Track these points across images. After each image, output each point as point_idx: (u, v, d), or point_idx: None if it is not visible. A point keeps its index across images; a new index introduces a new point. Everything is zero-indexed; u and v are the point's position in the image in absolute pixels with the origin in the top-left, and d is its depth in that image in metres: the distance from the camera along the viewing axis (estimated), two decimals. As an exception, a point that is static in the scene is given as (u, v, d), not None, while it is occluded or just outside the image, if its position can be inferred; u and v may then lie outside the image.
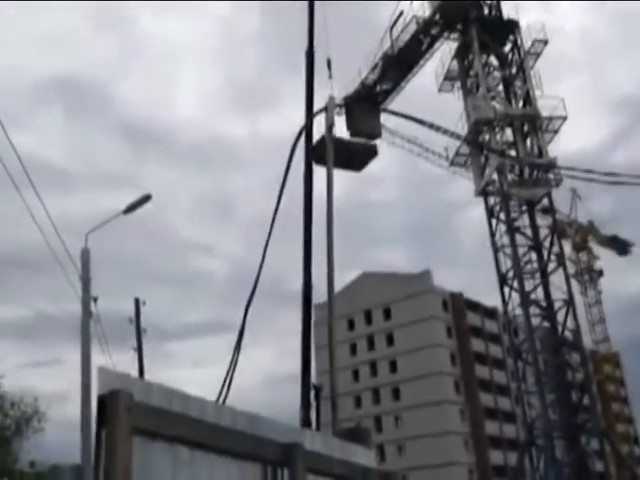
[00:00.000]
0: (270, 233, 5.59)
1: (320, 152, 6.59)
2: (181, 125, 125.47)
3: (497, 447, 68.21)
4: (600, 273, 78.52)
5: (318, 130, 10.86)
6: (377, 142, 26.76)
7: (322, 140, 6.34)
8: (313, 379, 6.29)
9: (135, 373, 21.76)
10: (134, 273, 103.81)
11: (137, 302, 24.53)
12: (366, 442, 5.00)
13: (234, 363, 4.83)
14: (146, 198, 16.21)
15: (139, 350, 24.07)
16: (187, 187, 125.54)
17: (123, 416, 2.45)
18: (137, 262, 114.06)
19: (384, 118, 28.70)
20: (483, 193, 32.39)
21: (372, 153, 16.14)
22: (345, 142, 14.51)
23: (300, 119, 11.14)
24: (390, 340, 72.42)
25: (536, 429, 28.92)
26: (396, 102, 29.73)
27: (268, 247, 5.49)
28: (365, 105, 27.66)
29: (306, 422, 5.51)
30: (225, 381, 4.68)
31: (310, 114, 11.16)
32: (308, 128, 9.98)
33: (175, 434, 2.68)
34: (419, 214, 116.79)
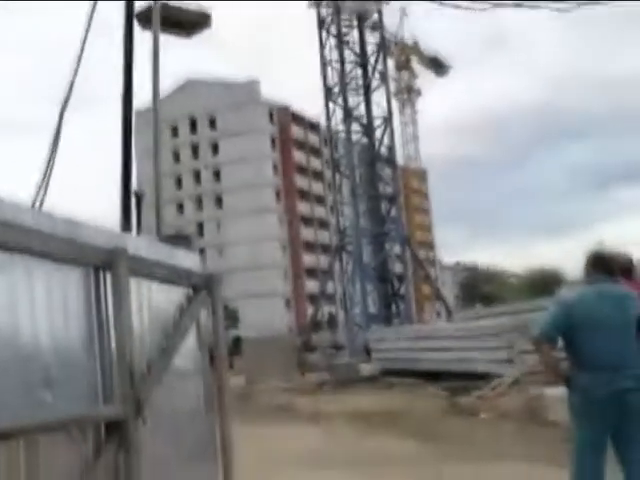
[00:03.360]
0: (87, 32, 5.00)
1: (147, 16, 5.76)
2: None
3: (311, 251, 73.38)
4: (418, 93, 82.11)
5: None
6: None
7: (149, 7, 5.49)
8: (134, 186, 6.16)
9: None
10: None
11: None
12: (190, 247, 5.10)
13: (50, 167, 4.56)
14: None
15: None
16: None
17: None
18: None
19: None
20: (316, 3, 31.59)
21: (205, 24, 14.45)
22: (176, 9, 12.75)
23: None
24: (215, 149, 72.16)
25: (347, 236, 31.32)
26: None
27: (86, 42, 4.97)
28: None
29: (127, 229, 5.47)
30: (41, 186, 4.44)
31: None
32: None
33: (-11, 238, 2.56)
34: (251, 22, 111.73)
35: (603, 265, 4.45)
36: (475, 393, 12.99)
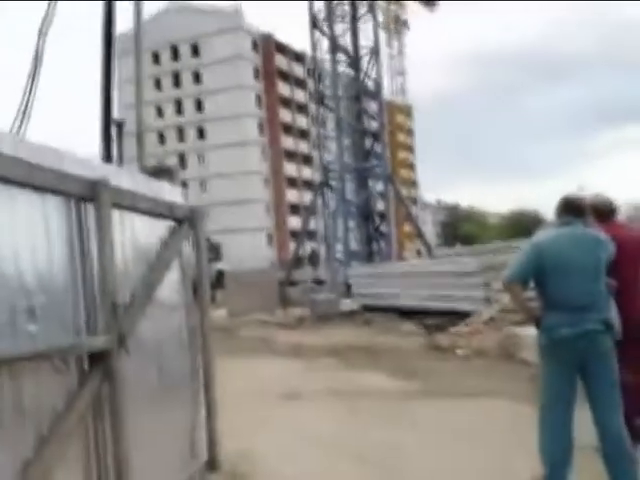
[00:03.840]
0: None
1: None
2: None
3: (294, 187, 73.06)
4: (406, 24, 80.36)
5: None
6: None
7: None
8: (115, 115, 6.01)
9: None
10: None
11: None
12: (173, 179, 5.04)
13: (31, 94, 4.40)
14: None
15: None
16: None
17: None
18: None
19: None
20: None
21: None
22: None
23: None
24: (197, 78, 70.56)
25: (331, 171, 31.14)
26: None
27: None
28: None
29: (107, 157, 5.36)
30: (22, 113, 4.29)
31: None
32: None
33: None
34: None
35: (574, 208, 4.49)
36: (450, 330, 13.25)
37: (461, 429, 6.42)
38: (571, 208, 4.49)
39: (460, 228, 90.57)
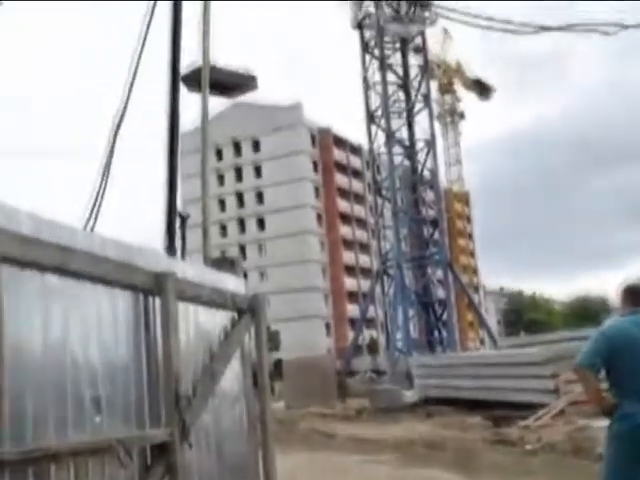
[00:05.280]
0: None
1: (194, 79, 5.84)
2: None
3: (352, 275, 73.16)
4: (461, 116, 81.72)
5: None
6: None
7: (197, 70, 5.48)
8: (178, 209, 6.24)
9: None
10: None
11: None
12: (236, 270, 5.14)
13: (102, 189, 4.65)
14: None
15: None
16: None
17: (-13, 243, 2.32)
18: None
19: None
20: (359, 26, 31.94)
21: (251, 86, 14.00)
22: (224, 72, 12.37)
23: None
24: (258, 172, 72.91)
25: (389, 259, 31.17)
26: None
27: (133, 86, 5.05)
28: None
29: (171, 250, 5.52)
30: (93, 208, 4.52)
31: None
32: None
33: (45, 262, 2.61)
34: (295, 46, 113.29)
35: (637, 295, 4.45)
36: (520, 423, 12.68)
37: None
38: (634, 295, 4.44)
39: (524, 316, 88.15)
